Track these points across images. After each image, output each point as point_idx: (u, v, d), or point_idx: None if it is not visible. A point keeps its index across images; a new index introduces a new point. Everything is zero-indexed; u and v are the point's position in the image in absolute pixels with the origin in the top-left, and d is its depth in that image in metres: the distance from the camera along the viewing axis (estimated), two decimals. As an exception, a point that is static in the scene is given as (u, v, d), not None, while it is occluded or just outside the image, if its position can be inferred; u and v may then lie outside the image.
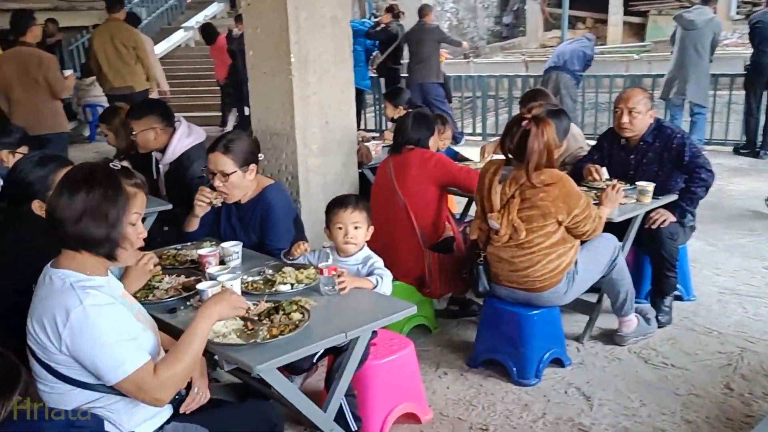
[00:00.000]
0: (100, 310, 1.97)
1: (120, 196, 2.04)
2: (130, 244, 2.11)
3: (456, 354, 3.88)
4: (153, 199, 4.27)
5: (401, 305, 2.66)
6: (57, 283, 2.00)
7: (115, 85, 7.70)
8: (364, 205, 3.12)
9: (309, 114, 4.07)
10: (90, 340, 1.93)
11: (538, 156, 3.25)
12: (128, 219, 2.07)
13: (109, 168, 2.09)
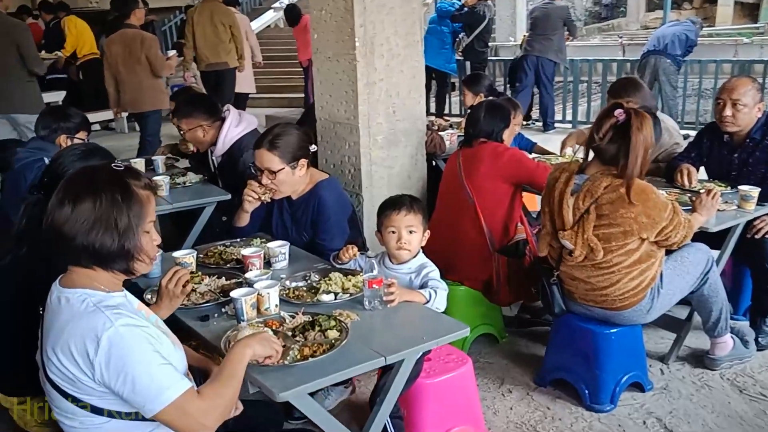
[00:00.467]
0: (134, 331, 1.75)
1: (132, 202, 1.82)
2: (146, 256, 1.90)
3: (523, 369, 3.55)
4: (212, 188, 4.15)
5: (453, 326, 2.36)
6: (76, 305, 1.79)
7: (211, 61, 8.15)
8: (420, 206, 2.83)
9: (374, 102, 3.80)
10: (127, 365, 1.71)
11: (638, 155, 2.80)
12: (143, 227, 1.85)
13: (113, 170, 1.86)
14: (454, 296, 3.65)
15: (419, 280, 2.75)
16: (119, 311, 1.78)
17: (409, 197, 2.87)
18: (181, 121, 4.26)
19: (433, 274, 2.75)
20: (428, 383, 2.80)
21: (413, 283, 2.75)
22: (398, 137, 3.94)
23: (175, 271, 2.39)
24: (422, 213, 2.81)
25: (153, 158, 4.66)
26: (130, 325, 1.76)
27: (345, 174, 3.97)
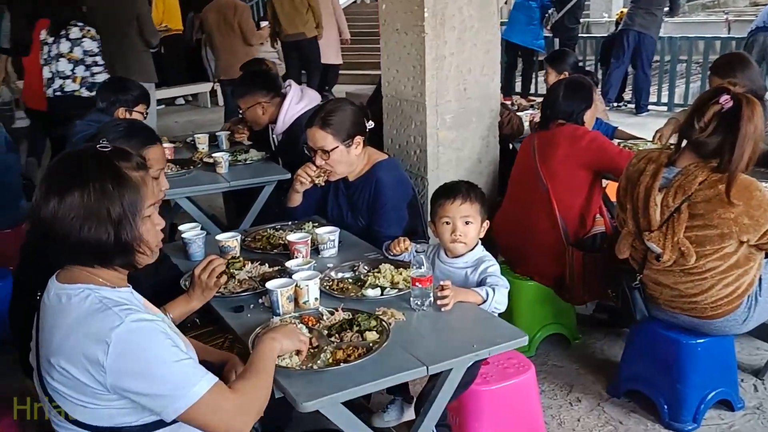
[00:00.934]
0: (148, 326, 1.56)
1: (124, 188, 1.59)
2: (147, 245, 1.68)
3: (596, 376, 3.22)
4: (272, 167, 3.98)
5: (510, 333, 2.08)
6: (79, 303, 1.58)
7: (289, 32, 8.16)
8: (478, 194, 2.55)
9: (443, 79, 3.51)
10: (144, 362, 1.52)
11: (746, 149, 2.43)
12: (142, 213, 1.63)
13: (98, 153, 1.61)
14: (522, 292, 3.38)
15: (476, 276, 2.47)
16: (128, 307, 1.59)
17: (466, 183, 2.59)
18: (239, 100, 4.11)
19: (493, 269, 2.46)
20: (484, 390, 2.53)
21: (469, 278, 2.48)
22: (469, 117, 3.65)
23: (210, 261, 2.21)
24: (480, 201, 2.53)
25: (217, 133, 4.53)
26: (142, 320, 1.57)
27: (410, 155, 3.71)
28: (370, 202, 2.98)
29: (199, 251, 2.72)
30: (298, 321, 2.12)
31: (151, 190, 1.66)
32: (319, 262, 2.65)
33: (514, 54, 9.44)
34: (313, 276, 2.29)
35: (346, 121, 2.88)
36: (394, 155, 3.85)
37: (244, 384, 1.66)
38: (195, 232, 2.76)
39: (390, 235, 2.92)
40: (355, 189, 3.04)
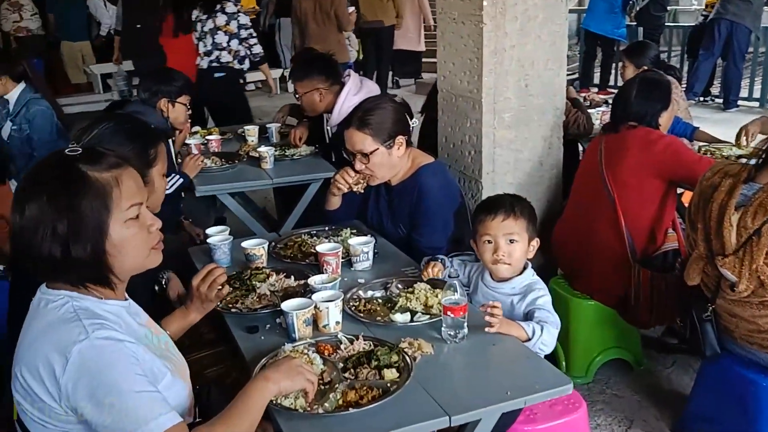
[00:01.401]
0: (114, 346, 1.40)
1: (83, 197, 1.42)
2: (134, 252, 1.50)
3: (660, 410, 2.88)
4: (321, 163, 3.78)
5: (553, 379, 1.79)
6: (53, 312, 1.45)
7: (368, 18, 8.55)
8: (525, 209, 2.27)
9: (502, 73, 3.20)
10: (100, 387, 1.36)
11: None
12: (114, 219, 1.45)
13: (62, 158, 1.47)
14: (580, 312, 3.07)
15: (524, 306, 2.19)
16: (102, 322, 1.43)
17: (511, 197, 2.31)
18: (296, 83, 3.92)
19: (543, 300, 2.18)
20: (527, 430, 2.25)
21: (515, 308, 2.21)
22: (530, 115, 3.33)
23: (210, 270, 2.01)
24: (528, 217, 2.25)
25: (267, 126, 4.35)
26: (111, 338, 1.40)
27: (464, 156, 3.42)
28: (412, 209, 2.73)
29: (225, 257, 2.54)
30: (313, 350, 1.90)
31: (132, 188, 1.49)
32: (351, 276, 2.43)
33: (594, 43, 8.96)
34: (336, 297, 2.06)
35: (386, 121, 2.64)
36: (448, 155, 3.58)
37: (215, 429, 1.46)
38: (221, 237, 2.57)
39: (432, 246, 2.68)
40: (396, 194, 2.79)
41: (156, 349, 1.60)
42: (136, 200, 1.50)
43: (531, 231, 2.24)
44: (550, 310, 2.16)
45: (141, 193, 1.53)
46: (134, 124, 2.23)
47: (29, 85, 4.30)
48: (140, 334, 1.56)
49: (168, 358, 1.63)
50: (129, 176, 1.51)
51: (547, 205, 3.52)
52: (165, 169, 2.26)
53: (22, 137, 4.16)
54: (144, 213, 1.53)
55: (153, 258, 1.57)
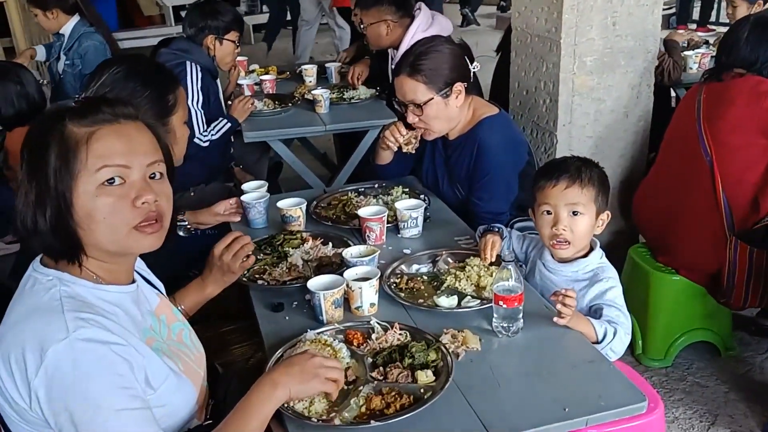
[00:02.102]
0: (97, 351, 1.16)
1: (48, 155, 1.21)
2: (106, 227, 1.24)
3: (750, 404, 2.51)
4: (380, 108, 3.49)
5: (624, 395, 1.48)
6: (40, 292, 1.24)
7: None
8: (595, 176, 1.89)
9: (586, 10, 2.77)
10: (74, 401, 1.14)
11: None
12: (82, 184, 1.22)
13: (55, 111, 1.27)
14: (664, 287, 2.71)
15: (588, 298, 1.85)
16: (90, 317, 1.19)
17: (578, 160, 1.93)
18: (363, 12, 3.57)
19: (613, 294, 1.83)
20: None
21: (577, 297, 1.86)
22: (616, 60, 2.89)
23: (236, 238, 1.76)
24: (598, 186, 1.88)
25: (327, 65, 4.04)
26: (94, 340, 1.17)
27: (538, 104, 3.03)
28: (470, 168, 2.40)
29: (260, 218, 2.30)
30: (340, 338, 1.64)
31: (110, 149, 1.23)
32: (397, 245, 2.15)
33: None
34: (372, 275, 1.78)
35: (442, 66, 2.29)
36: (521, 103, 3.20)
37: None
38: (256, 194, 2.32)
39: (492, 212, 2.36)
40: (454, 150, 2.46)
41: (162, 343, 1.37)
42: (112, 161, 1.23)
43: (601, 202, 1.88)
44: (622, 307, 1.81)
45: (129, 155, 1.25)
46: (149, 67, 1.97)
47: (83, 18, 4.12)
48: (144, 326, 1.34)
49: (176, 354, 1.40)
50: (112, 132, 1.25)
51: (632, 162, 3.11)
52: (186, 116, 2.01)
53: (75, 72, 4.01)
54: (132, 181, 1.25)
55: (135, 241, 1.28)
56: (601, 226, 1.91)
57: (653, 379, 2.68)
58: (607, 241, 3.20)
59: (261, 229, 2.30)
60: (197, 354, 1.51)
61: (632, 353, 2.81)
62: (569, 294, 1.64)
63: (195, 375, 1.44)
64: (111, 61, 1.96)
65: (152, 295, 1.48)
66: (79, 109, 1.26)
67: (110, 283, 1.31)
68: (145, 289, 1.46)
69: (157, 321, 1.42)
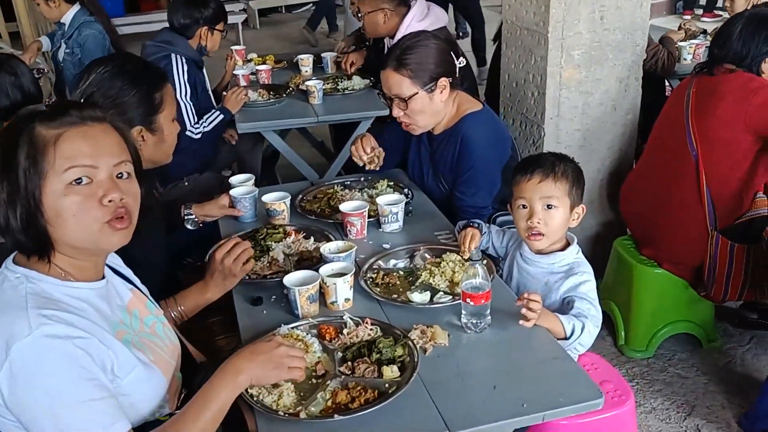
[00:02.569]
0: (60, 347, 1.22)
1: (17, 155, 1.26)
2: (75, 225, 1.30)
3: (728, 397, 2.56)
4: (372, 99, 3.50)
5: (581, 391, 1.52)
6: (8, 290, 1.29)
7: None
8: (569, 170, 1.93)
9: (573, 4, 2.77)
10: (37, 395, 1.20)
11: None
12: (50, 184, 1.27)
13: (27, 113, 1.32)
14: (646, 280, 2.76)
15: (562, 290, 1.89)
16: (53, 313, 1.25)
17: (553, 156, 1.97)
18: (360, 0, 3.59)
19: (587, 288, 1.87)
20: (564, 425, 1.99)
21: (552, 290, 1.91)
22: (604, 53, 2.91)
23: (236, 243, 1.83)
24: (572, 180, 1.92)
25: (323, 55, 4.07)
26: (57, 336, 1.22)
27: (527, 97, 3.05)
28: (454, 162, 2.44)
29: (249, 211, 2.35)
30: (313, 333, 1.70)
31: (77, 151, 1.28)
32: (377, 239, 2.19)
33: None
34: (346, 271, 1.83)
35: (428, 60, 2.32)
36: (510, 95, 3.23)
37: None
38: (244, 189, 2.37)
39: (475, 206, 2.41)
40: (438, 144, 2.50)
41: (133, 336, 1.43)
42: (79, 162, 1.28)
43: (575, 197, 1.92)
44: (594, 301, 1.85)
45: (95, 156, 1.30)
46: (136, 66, 2.00)
47: (84, 7, 4.16)
48: (114, 320, 1.39)
49: (147, 345, 1.45)
50: (79, 134, 1.30)
51: (620, 154, 3.13)
52: (174, 113, 2.05)
53: (74, 61, 4.06)
54: (99, 180, 1.31)
55: (105, 237, 1.33)
56: (577, 219, 1.96)
57: (634, 369, 2.73)
58: (595, 232, 3.24)
59: (249, 222, 2.35)
60: (170, 345, 1.56)
61: (615, 344, 2.86)
62: (533, 298, 1.68)
63: (166, 365, 1.50)
64: (100, 61, 1.99)
65: (124, 290, 1.53)
66: (48, 113, 1.31)
67: (78, 279, 1.36)
68: (117, 284, 1.52)
69: (128, 315, 1.47)
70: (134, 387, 1.36)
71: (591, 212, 3.21)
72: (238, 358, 1.43)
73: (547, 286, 1.92)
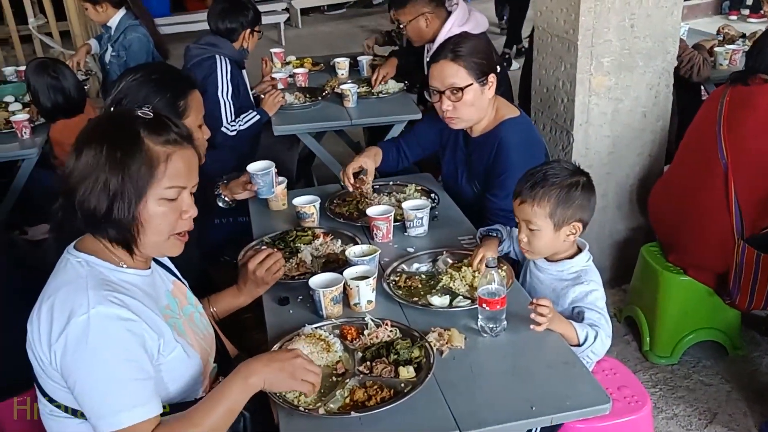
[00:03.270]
0: (111, 326, 1.36)
1: (132, 162, 1.42)
2: (156, 231, 1.47)
3: (751, 405, 2.57)
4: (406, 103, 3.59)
5: (590, 396, 1.57)
6: (71, 271, 1.45)
7: None
8: (553, 191, 1.89)
9: (604, 11, 2.81)
10: (84, 365, 1.35)
11: None
12: (152, 194, 1.44)
13: (131, 119, 1.47)
14: (672, 286, 2.78)
15: (570, 297, 1.93)
16: (111, 294, 1.40)
17: (543, 174, 1.92)
18: (399, 12, 3.62)
19: (594, 297, 1.91)
20: (581, 429, 2.04)
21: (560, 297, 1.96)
22: (634, 60, 2.93)
23: (268, 255, 1.94)
24: (555, 202, 1.89)
25: (359, 58, 4.15)
26: (111, 317, 1.37)
27: (556, 103, 3.09)
28: (489, 165, 2.48)
29: (266, 188, 2.46)
30: (336, 333, 1.79)
31: (179, 170, 1.46)
32: (402, 243, 2.27)
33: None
34: (369, 274, 1.92)
35: (480, 54, 2.39)
36: (541, 100, 3.27)
37: (178, 425, 1.41)
38: (261, 165, 2.48)
39: (505, 209, 2.43)
40: (475, 146, 2.55)
41: (177, 320, 1.57)
42: (178, 183, 1.47)
43: (559, 217, 1.89)
44: (603, 311, 1.89)
45: (188, 178, 1.49)
46: (163, 74, 2.10)
47: (129, 11, 4.31)
48: (161, 305, 1.54)
49: (187, 331, 1.59)
50: (181, 157, 1.48)
51: (649, 161, 3.15)
52: (200, 120, 2.15)
53: (120, 63, 4.20)
54: (184, 198, 1.50)
55: (172, 245, 1.53)
56: (573, 235, 1.94)
57: (658, 375, 2.75)
58: (624, 237, 3.27)
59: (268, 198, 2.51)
60: (206, 334, 1.70)
61: (640, 349, 2.89)
62: (543, 303, 1.73)
63: (202, 350, 1.62)
64: (132, 69, 2.11)
65: (167, 281, 1.67)
66: (152, 124, 1.46)
67: (130, 266, 1.51)
68: (162, 274, 1.66)
69: (173, 301, 1.61)
70: (174, 365, 1.49)
71: (620, 217, 3.24)
72: (254, 361, 1.52)
73: (555, 293, 1.97)
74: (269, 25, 8.35)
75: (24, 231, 3.84)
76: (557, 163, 2.03)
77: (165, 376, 1.48)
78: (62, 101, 3.33)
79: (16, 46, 7.31)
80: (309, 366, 1.54)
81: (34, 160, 3.36)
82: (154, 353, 1.44)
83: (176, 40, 5.84)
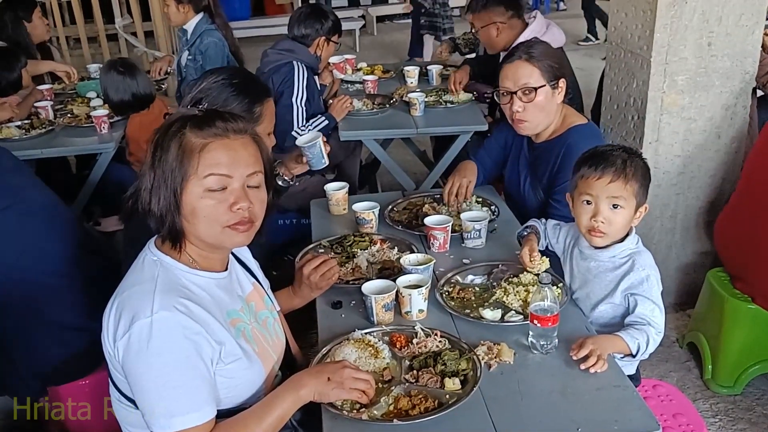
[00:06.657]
0: (173, 333, 1.40)
1: (169, 154, 1.46)
2: (206, 223, 1.48)
3: (817, 444, 2.45)
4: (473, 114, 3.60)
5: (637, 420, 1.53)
6: (145, 270, 1.50)
7: None
8: (638, 168, 1.85)
9: (680, 29, 2.73)
10: (143, 367, 1.40)
11: None
12: (192, 184, 1.46)
13: (181, 117, 1.51)
14: (738, 314, 2.67)
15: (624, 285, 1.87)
16: (177, 300, 1.43)
17: (624, 151, 1.88)
18: (474, 15, 3.65)
19: (650, 283, 1.85)
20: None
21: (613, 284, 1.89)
22: (710, 79, 2.84)
23: (323, 261, 1.97)
24: (641, 179, 1.85)
25: (428, 67, 4.17)
26: (173, 323, 1.41)
27: (626, 120, 3.03)
28: (554, 170, 2.45)
29: (318, 158, 2.51)
30: (385, 340, 1.80)
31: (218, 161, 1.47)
32: (459, 254, 2.27)
33: None
34: (422, 284, 1.92)
35: (552, 57, 2.41)
36: (611, 116, 3.21)
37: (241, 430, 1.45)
38: (308, 136, 2.52)
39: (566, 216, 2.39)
40: (540, 153, 2.52)
41: (246, 325, 1.60)
42: (217, 171, 1.46)
43: (641, 195, 1.86)
44: (657, 300, 1.82)
45: (231, 167, 1.48)
46: (244, 79, 2.16)
47: (207, 15, 4.44)
48: (231, 308, 1.57)
49: (255, 337, 1.62)
50: (222, 146, 1.48)
51: (721, 183, 3.05)
52: (272, 128, 2.21)
53: (196, 67, 4.33)
54: (233, 189, 1.48)
55: (230, 237, 1.51)
56: (639, 218, 1.90)
57: (719, 405, 2.65)
58: (691, 261, 3.17)
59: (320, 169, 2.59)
60: (277, 341, 1.73)
61: (701, 377, 2.79)
62: (581, 346, 1.69)
63: (268, 358, 1.65)
64: (214, 71, 2.17)
65: (246, 283, 1.71)
66: (198, 120, 1.50)
67: (204, 269, 1.55)
68: (240, 275, 1.70)
69: (246, 305, 1.64)
70: (235, 372, 1.52)
71: (688, 240, 3.15)
72: (304, 373, 1.56)
73: (609, 282, 1.91)
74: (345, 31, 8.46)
75: (97, 222, 4.01)
76: (618, 145, 1.96)
77: (224, 382, 1.50)
78: (131, 99, 3.49)
79: (102, 44, 7.64)
80: (357, 374, 1.56)
81: (110, 154, 3.51)
82: (214, 360, 1.47)
83: (254, 43, 5.99)
